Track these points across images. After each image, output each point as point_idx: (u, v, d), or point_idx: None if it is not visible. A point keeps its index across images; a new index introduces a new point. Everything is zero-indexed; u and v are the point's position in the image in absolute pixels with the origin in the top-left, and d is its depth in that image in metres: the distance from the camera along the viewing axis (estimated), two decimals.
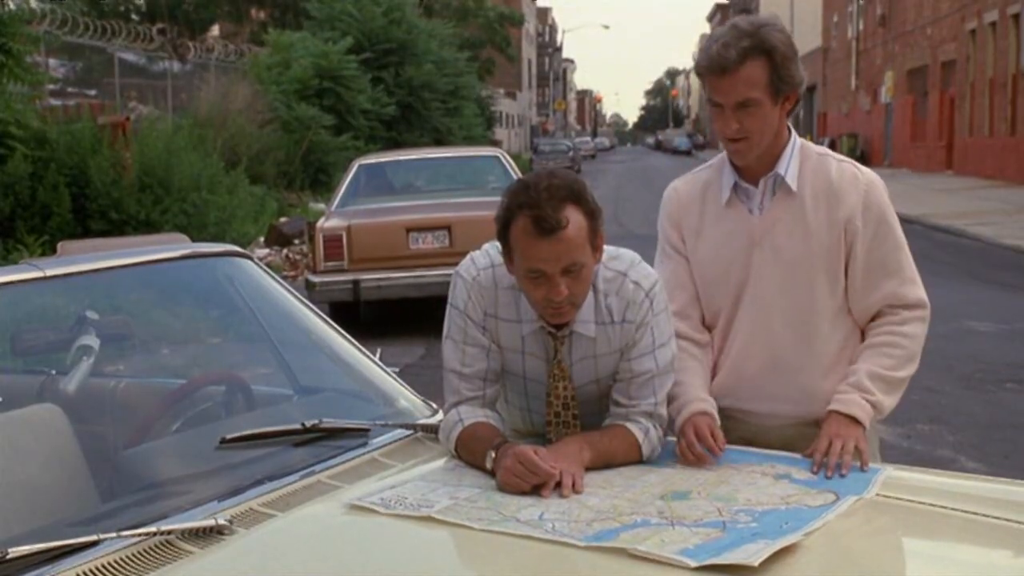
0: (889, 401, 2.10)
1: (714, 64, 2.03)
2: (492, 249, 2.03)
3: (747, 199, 2.16)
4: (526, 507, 1.72)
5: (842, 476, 1.91)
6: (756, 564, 1.47)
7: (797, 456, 2.01)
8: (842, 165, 2.16)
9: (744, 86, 2.02)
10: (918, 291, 2.15)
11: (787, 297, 2.13)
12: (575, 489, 1.78)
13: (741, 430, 2.18)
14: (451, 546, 1.67)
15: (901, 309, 2.13)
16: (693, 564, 1.47)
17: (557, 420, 2.05)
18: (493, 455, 1.86)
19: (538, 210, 1.84)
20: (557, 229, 1.83)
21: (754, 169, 2.14)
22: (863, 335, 2.18)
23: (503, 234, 1.91)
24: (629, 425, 1.99)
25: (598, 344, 1.99)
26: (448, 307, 2.05)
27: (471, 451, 1.95)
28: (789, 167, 2.13)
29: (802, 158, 2.15)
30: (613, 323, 1.98)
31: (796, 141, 2.16)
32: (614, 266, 2.00)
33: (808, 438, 2.07)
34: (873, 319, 2.16)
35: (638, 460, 1.97)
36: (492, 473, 1.86)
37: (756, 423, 2.21)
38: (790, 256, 2.12)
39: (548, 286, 1.87)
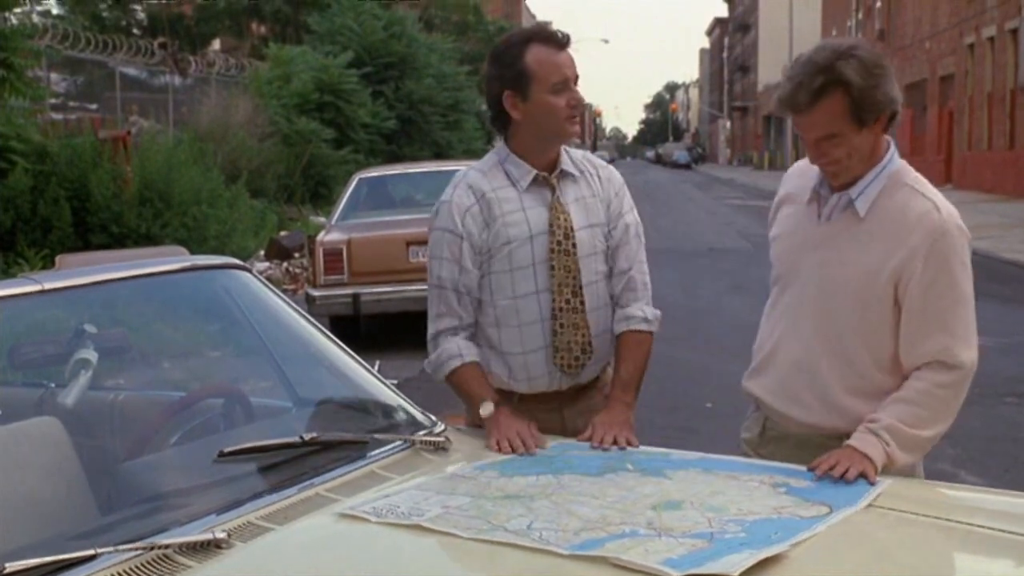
0: (904, 457, 2.07)
1: (786, 105, 2.08)
2: (459, 179, 2.45)
3: (823, 205, 2.19)
4: (515, 516, 1.73)
5: (848, 483, 1.91)
6: (735, 574, 1.47)
7: (799, 468, 2.01)
8: (923, 203, 2.12)
9: (823, 123, 2.04)
10: (971, 354, 2.09)
11: (823, 310, 2.15)
12: (631, 445, 2.18)
13: (773, 427, 2.27)
14: (438, 554, 1.67)
15: (950, 371, 2.08)
16: (676, 574, 1.48)
17: (566, 269, 2.36)
18: (491, 408, 2.25)
19: (548, 32, 2.37)
20: (566, 43, 2.36)
21: (839, 185, 2.16)
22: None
23: (517, 70, 2.30)
24: (638, 326, 2.40)
25: (582, 186, 2.43)
26: (431, 231, 2.42)
27: (467, 389, 2.34)
28: (866, 191, 2.12)
29: (888, 184, 2.13)
30: (593, 175, 2.46)
31: (888, 166, 2.14)
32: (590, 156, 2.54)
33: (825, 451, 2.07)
34: (919, 368, 2.11)
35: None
36: (480, 424, 2.24)
37: (782, 428, 2.25)
38: (835, 273, 2.13)
39: (570, 93, 2.32)
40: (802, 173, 2.27)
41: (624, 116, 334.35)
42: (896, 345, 2.13)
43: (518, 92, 2.33)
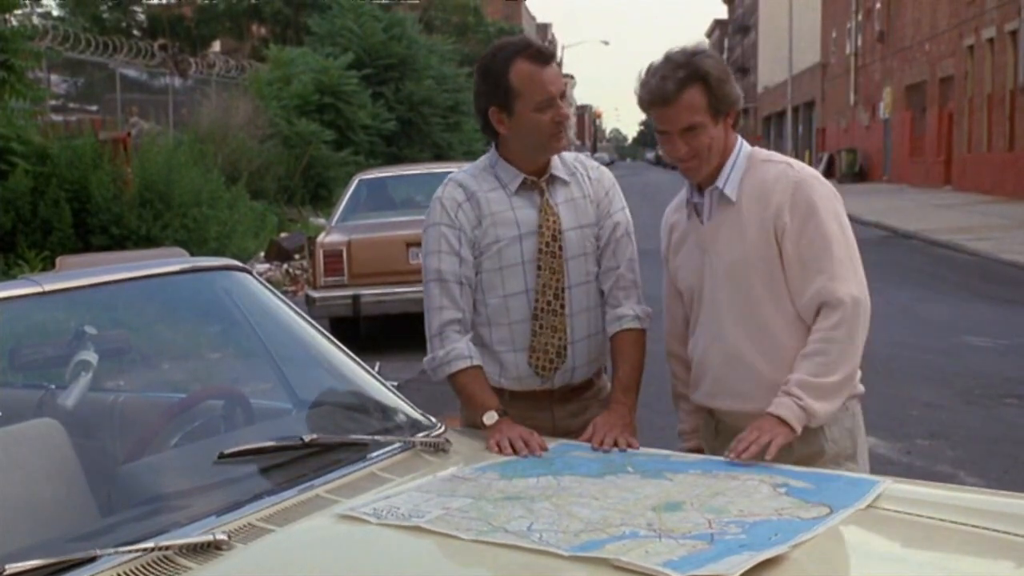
0: (822, 406, 2.15)
1: (655, 97, 2.21)
2: (449, 179, 2.46)
3: (701, 211, 2.32)
4: (516, 518, 1.73)
5: (848, 483, 1.91)
6: None
7: (800, 469, 2.02)
8: (778, 167, 2.27)
9: (686, 113, 2.20)
10: (848, 287, 2.18)
11: (733, 298, 2.26)
12: (632, 447, 2.17)
13: (726, 429, 2.31)
14: (437, 555, 1.68)
15: (835, 310, 2.16)
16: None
17: (551, 271, 2.39)
18: (496, 417, 2.25)
19: (534, 48, 2.37)
20: (551, 59, 2.37)
21: (703, 184, 2.30)
22: None
23: (503, 87, 2.32)
24: (630, 325, 2.41)
25: (572, 188, 2.45)
26: (426, 229, 2.43)
27: (471, 392, 2.33)
28: (729, 178, 2.27)
29: (747, 167, 2.28)
30: (584, 176, 2.47)
31: (742, 152, 2.29)
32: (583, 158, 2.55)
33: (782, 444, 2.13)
34: (816, 321, 2.21)
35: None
36: (477, 425, 2.26)
37: (732, 424, 2.30)
38: (729, 259, 2.25)
39: (555, 109, 2.33)
40: (677, 208, 2.43)
41: (624, 118, 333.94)
42: None
43: (504, 109, 2.36)
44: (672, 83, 2.18)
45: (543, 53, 2.36)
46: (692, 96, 2.18)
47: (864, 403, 2.37)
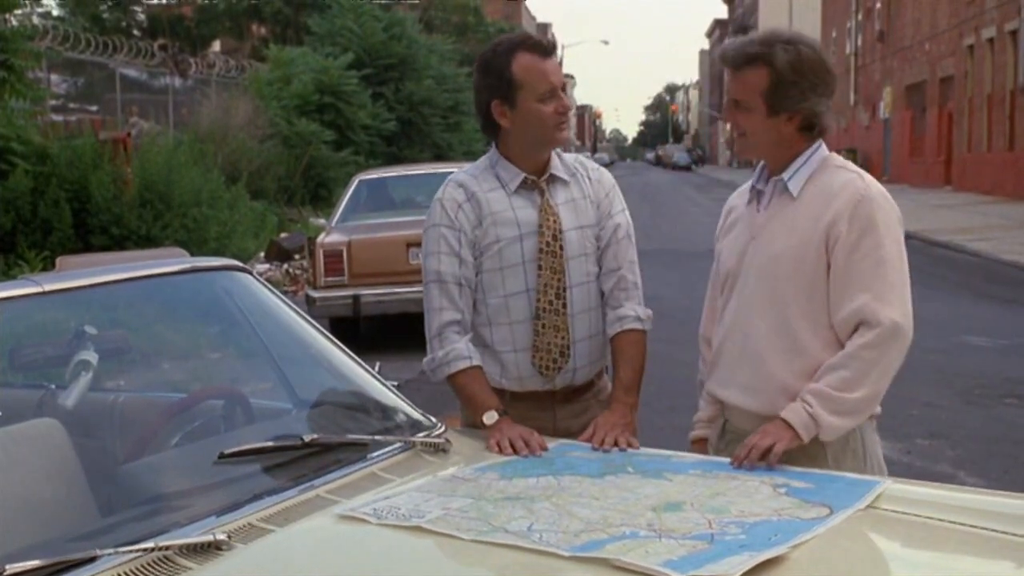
0: (832, 421, 2.09)
1: (725, 57, 2.25)
2: (450, 179, 2.47)
3: (761, 199, 2.29)
4: (516, 518, 1.73)
5: (849, 484, 1.91)
6: None
7: (800, 469, 2.02)
8: (848, 175, 2.22)
9: (741, 87, 2.20)
10: (892, 312, 2.10)
11: (765, 290, 2.22)
12: (632, 447, 2.18)
13: (732, 429, 2.29)
14: (438, 555, 1.68)
15: (871, 329, 2.10)
16: None
17: (552, 271, 2.39)
18: (496, 417, 2.26)
19: (534, 40, 2.41)
20: (552, 51, 2.42)
21: (771, 173, 2.28)
22: None
23: (505, 80, 2.34)
24: (632, 326, 2.41)
25: (572, 188, 2.46)
26: (426, 230, 2.43)
27: (471, 392, 2.34)
28: (797, 173, 2.23)
29: (818, 167, 2.23)
30: (584, 177, 2.48)
31: (817, 153, 2.24)
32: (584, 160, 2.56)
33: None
34: (851, 338, 2.14)
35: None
36: (477, 425, 2.27)
37: (736, 425, 2.28)
38: (773, 251, 2.21)
39: (558, 100, 2.36)
40: (741, 193, 2.40)
41: (624, 118, 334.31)
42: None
43: (506, 101, 2.37)
44: (740, 55, 2.18)
45: (543, 45, 2.39)
46: (752, 75, 2.17)
47: None
